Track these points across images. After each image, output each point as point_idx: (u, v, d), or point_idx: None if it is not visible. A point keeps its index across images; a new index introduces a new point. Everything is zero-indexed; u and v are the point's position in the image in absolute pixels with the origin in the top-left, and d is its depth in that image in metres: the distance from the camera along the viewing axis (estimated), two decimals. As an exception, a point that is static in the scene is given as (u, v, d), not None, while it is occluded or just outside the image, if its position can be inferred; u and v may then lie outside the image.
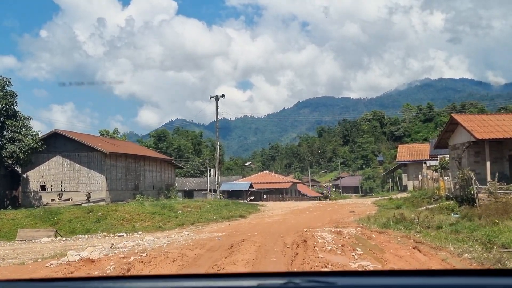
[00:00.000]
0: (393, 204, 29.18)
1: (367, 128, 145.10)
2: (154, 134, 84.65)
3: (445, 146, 32.04)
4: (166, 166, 45.10)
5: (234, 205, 34.48)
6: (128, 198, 36.72)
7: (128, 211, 28.69)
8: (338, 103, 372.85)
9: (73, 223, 27.39)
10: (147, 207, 29.91)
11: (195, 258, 10.25)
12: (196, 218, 26.22)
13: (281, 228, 18.60)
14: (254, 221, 23.31)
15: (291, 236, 14.81)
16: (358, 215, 24.08)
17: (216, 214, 28.45)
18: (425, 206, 26.29)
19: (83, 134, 39.31)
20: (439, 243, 11.62)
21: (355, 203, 35.08)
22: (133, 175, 39.41)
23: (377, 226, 16.84)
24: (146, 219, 27.50)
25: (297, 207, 34.18)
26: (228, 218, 25.89)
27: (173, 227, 24.02)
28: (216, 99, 45.94)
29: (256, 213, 30.07)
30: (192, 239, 15.54)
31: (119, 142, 43.02)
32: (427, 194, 30.47)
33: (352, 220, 20.88)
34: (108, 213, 28.33)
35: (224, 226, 22.04)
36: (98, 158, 35.65)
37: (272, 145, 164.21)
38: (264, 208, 34.47)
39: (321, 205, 35.30)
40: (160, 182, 43.54)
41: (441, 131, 34.35)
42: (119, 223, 27.14)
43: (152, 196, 38.96)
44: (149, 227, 24.62)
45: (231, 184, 63.05)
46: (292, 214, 27.85)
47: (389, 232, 14.90)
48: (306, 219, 22.88)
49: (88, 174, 35.70)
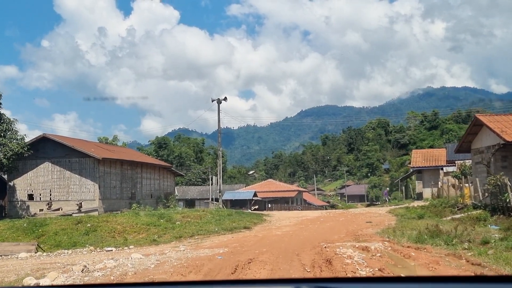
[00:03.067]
0: (412, 213, 26.43)
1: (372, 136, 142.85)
2: (155, 141, 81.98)
3: (467, 150, 29.33)
4: (165, 174, 42.43)
5: (237, 215, 31.81)
6: (123, 208, 34.07)
7: (121, 222, 26.05)
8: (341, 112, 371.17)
9: (59, 235, 24.75)
10: (142, 218, 27.27)
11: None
12: (196, 230, 23.54)
13: (293, 242, 15.90)
14: (261, 234, 20.60)
15: (308, 254, 12.13)
16: (377, 226, 21.36)
17: (218, 225, 25.77)
18: (449, 216, 23.55)
19: (74, 139, 36.69)
20: (507, 266, 8.91)
21: (368, 212, 32.26)
22: (129, 183, 36.76)
23: (408, 240, 14.13)
24: (141, 231, 24.85)
25: (306, 217, 31.44)
26: (231, 230, 23.18)
27: (170, 240, 21.35)
28: (218, 102, 43.41)
29: (261, 224, 27.35)
30: (188, 258, 12.88)
31: (114, 148, 40.35)
32: (449, 203, 27.71)
33: (373, 232, 18.17)
34: (98, 224, 25.70)
35: (226, 239, 19.34)
36: (90, 165, 33.05)
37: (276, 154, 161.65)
38: (270, 218, 31.73)
39: (332, 215, 32.52)
40: (158, 190, 40.87)
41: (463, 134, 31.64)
42: (110, 235, 24.49)
43: (150, 205, 36.31)
44: (142, 240, 21.94)
45: (234, 192, 60.32)
46: (302, 225, 25.11)
47: (427, 248, 12.19)
48: (319, 231, 20.16)
49: (80, 182, 33.08)
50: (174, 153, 78.34)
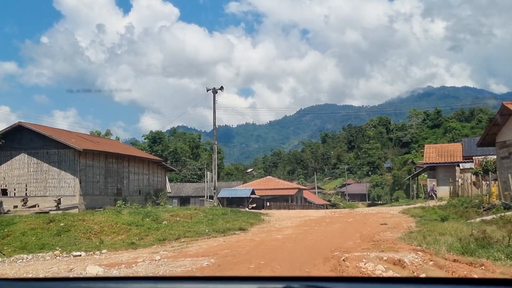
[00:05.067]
0: (431, 214, 23.27)
1: (373, 133, 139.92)
2: (149, 136, 78.55)
3: (491, 144, 26.17)
4: (156, 169, 39.18)
5: (233, 214, 28.63)
6: (107, 205, 30.84)
7: (99, 221, 22.79)
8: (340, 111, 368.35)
9: (27, 236, 21.48)
10: (125, 217, 24.02)
11: None
12: (183, 231, 20.33)
13: (298, 250, 12.70)
14: (258, 237, 17.40)
15: (321, 270, 8.91)
16: (395, 229, 18.17)
17: (209, 225, 22.57)
18: (476, 217, 20.36)
19: (53, 128, 33.34)
20: None
21: (378, 212, 29.02)
22: (114, 177, 33.52)
23: (449, 250, 10.92)
24: (120, 232, 21.60)
25: (309, 217, 28.23)
26: (224, 232, 19.96)
27: (151, 243, 18.14)
28: (214, 92, 40.22)
29: (259, 225, 24.13)
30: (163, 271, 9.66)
31: (99, 139, 37.02)
32: (472, 202, 24.51)
33: (394, 238, 14.96)
34: (73, 223, 22.43)
35: (217, 244, 16.14)
36: (70, 157, 29.80)
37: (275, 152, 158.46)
38: (269, 218, 28.53)
39: (337, 215, 29.31)
40: (148, 186, 37.62)
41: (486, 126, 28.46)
42: (85, 236, 21.24)
43: (137, 202, 33.09)
44: (119, 243, 18.71)
45: (230, 190, 57.08)
46: (306, 226, 21.92)
47: (485, 264, 8.94)
48: (328, 235, 16.95)
49: (59, 176, 29.82)
50: (169, 149, 75.06)
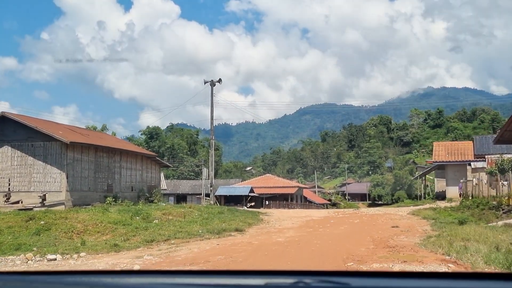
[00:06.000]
0: (445, 215, 21.41)
1: (374, 133, 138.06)
2: (146, 131, 76.54)
3: (510, 141, 24.29)
4: (150, 164, 37.25)
5: (229, 213, 26.79)
6: (96, 202, 28.92)
7: (83, 219, 20.88)
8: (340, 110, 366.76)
9: (3, 235, 19.49)
10: (112, 215, 22.14)
11: None
12: (174, 232, 18.43)
13: (304, 256, 10.81)
14: (256, 240, 15.51)
15: None
16: (408, 233, 16.30)
17: (203, 225, 20.70)
18: (497, 220, 18.52)
19: (39, 119, 31.39)
20: None
21: (385, 213, 27.10)
22: (105, 172, 31.60)
23: (487, 261, 9.03)
24: (105, 231, 19.70)
25: (311, 217, 26.36)
26: (219, 233, 18.06)
27: (136, 245, 16.22)
28: (211, 85, 38.32)
29: (258, 225, 22.26)
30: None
31: (89, 132, 35.04)
32: (489, 204, 22.65)
33: (412, 243, 13.09)
34: (54, 222, 20.50)
35: (209, 247, 14.26)
36: (57, 150, 27.87)
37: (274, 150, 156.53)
38: (268, 217, 26.66)
39: (341, 215, 27.42)
40: (141, 182, 35.70)
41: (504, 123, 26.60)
42: (67, 236, 19.32)
43: (129, 199, 31.22)
44: (101, 244, 16.78)
45: (228, 188, 55.18)
46: (309, 227, 20.04)
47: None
48: (335, 238, 15.05)
49: (44, 170, 27.90)
50: (166, 144, 73.11)
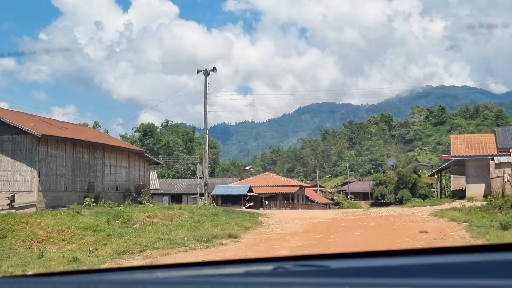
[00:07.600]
0: (479, 218, 18.08)
1: (375, 130, 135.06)
2: (140, 128, 73.16)
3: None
4: (138, 161, 33.91)
5: (224, 215, 23.48)
6: (75, 203, 25.61)
7: (47, 224, 17.58)
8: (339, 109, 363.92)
9: None
10: (84, 218, 18.87)
11: None
12: (154, 240, 15.05)
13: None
14: (253, 251, 12.17)
15: None
16: (446, 242, 12.97)
17: (192, 230, 17.36)
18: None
19: (9, 110, 28.06)
20: None
21: (402, 214, 23.69)
22: (85, 170, 28.25)
23: None
24: (72, 239, 16.40)
25: (317, 219, 23.00)
26: (208, 241, 14.70)
27: (102, 259, 12.85)
28: (205, 74, 35.03)
29: (256, 230, 18.91)
30: None
31: (67, 125, 31.54)
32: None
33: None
34: (13, 227, 17.24)
35: (194, 259, 10.86)
36: (27, 145, 24.53)
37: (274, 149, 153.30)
38: (268, 219, 23.29)
39: (352, 217, 24.05)
40: (127, 181, 32.36)
41: None
42: (25, 245, 16.05)
43: (114, 200, 27.93)
44: (58, 258, 13.42)
45: (226, 187, 51.83)
46: (317, 233, 16.68)
47: None
48: (354, 249, 11.68)
49: (12, 168, 24.54)
50: (161, 142, 69.81)
